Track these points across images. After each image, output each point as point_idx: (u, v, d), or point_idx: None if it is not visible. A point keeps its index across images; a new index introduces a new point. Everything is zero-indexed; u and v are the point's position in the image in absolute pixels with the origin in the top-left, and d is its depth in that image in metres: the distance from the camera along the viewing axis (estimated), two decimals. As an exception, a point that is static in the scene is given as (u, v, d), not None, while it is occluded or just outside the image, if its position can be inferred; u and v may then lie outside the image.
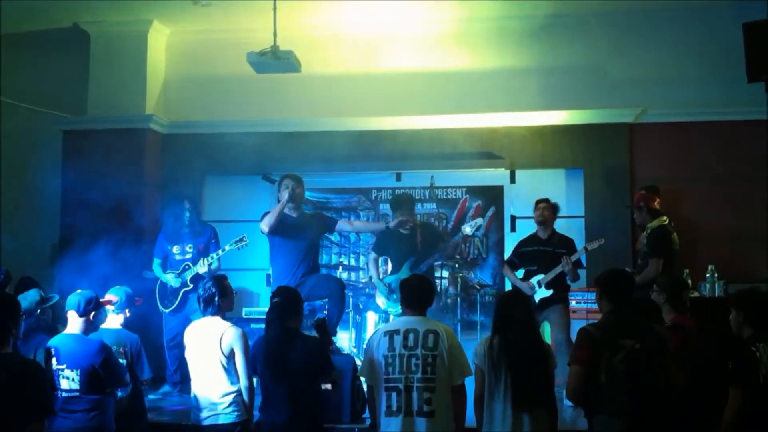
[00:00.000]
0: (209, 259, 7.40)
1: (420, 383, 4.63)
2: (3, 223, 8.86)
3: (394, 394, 4.67)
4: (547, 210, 7.40)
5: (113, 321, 5.47)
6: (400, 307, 5.15)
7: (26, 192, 9.19)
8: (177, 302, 7.49)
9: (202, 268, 7.38)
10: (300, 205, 7.20)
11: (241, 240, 7.30)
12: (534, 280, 7.20)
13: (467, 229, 7.59)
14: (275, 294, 5.07)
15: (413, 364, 4.65)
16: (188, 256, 7.57)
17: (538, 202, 7.53)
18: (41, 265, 8.97)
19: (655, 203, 7.41)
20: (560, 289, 7.18)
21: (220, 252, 7.43)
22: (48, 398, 3.97)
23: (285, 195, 6.97)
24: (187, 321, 6.59)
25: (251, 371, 4.99)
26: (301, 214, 7.20)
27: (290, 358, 4.79)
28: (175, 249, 7.63)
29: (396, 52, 9.26)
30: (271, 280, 7.39)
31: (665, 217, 7.17)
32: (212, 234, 7.71)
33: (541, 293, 7.14)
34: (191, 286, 7.38)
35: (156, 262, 7.76)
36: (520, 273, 7.48)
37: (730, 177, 8.51)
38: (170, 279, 7.52)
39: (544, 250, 7.27)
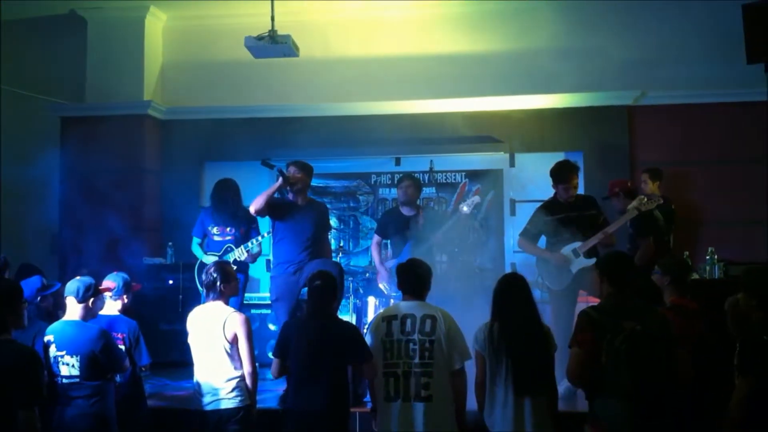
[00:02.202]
0: (249, 244, 7.38)
1: (418, 368, 4.64)
2: (2, 209, 8.86)
3: (392, 380, 4.69)
4: (577, 175, 6.91)
5: (111, 307, 5.46)
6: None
7: (25, 179, 9.17)
8: None
9: (242, 255, 7.37)
10: (305, 192, 7.05)
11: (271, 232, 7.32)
12: (569, 248, 6.75)
13: (464, 208, 7.49)
14: (315, 277, 4.99)
15: (411, 350, 4.67)
16: (229, 238, 7.55)
17: (571, 173, 6.87)
18: (41, 252, 8.98)
19: (629, 184, 7.36)
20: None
21: (260, 237, 7.41)
22: (41, 386, 3.97)
23: (280, 180, 6.84)
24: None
25: (278, 354, 4.96)
26: (309, 202, 7.05)
27: (328, 346, 4.78)
28: (215, 230, 7.58)
29: (395, 36, 9.24)
30: (272, 265, 7.37)
31: (644, 197, 7.06)
32: (253, 219, 7.67)
33: (579, 263, 6.66)
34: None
35: (195, 241, 7.73)
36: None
37: (729, 159, 8.51)
38: (208, 261, 7.51)
39: (573, 215, 6.76)
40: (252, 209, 6.87)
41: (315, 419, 4.74)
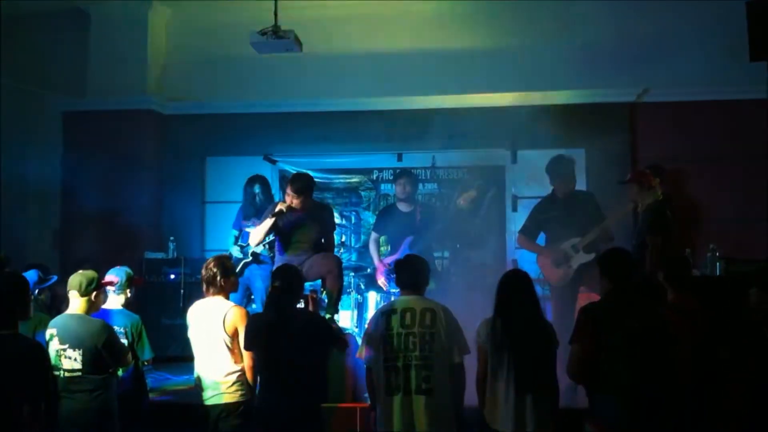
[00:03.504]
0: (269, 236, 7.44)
1: (418, 361, 4.65)
2: (3, 205, 8.87)
3: (393, 373, 4.69)
4: (573, 170, 7.05)
5: (114, 301, 5.48)
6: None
7: (26, 173, 9.19)
8: (238, 271, 7.47)
9: (259, 247, 7.40)
10: (307, 204, 6.84)
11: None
12: (568, 244, 6.84)
13: (461, 202, 7.52)
14: (275, 276, 5.07)
15: (411, 342, 4.67)
16: None
17: (563, 161, 7.09)
18: (43, 247, 9.00)
19: (652, 182, 7.38)
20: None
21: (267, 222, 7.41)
22: (48, 380, 3.99)
23: (279, 206, 6.70)
24: (245, 290, 7.18)
25: (247, 347, 4.98)
26: (312, 209, 6.88)
27: (291, 339, 4.79)
28: (247, 223, 7.71)
29: (398, 32, 9.23)
30: (274, 260, 7.38)
31: (660, 194, 7.09)
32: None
33: (579, 259, 6.74)
34: (250, 258, 7.47)
35: (233, 233, 7.86)
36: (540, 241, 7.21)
37: (732, 157, 8.50)
38: (234, 251, 7.63)
39: (571, 211, 6.85)
40: (252, 244, 6.96)
41: (281, 417, 4.76)
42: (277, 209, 6.67)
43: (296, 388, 4.76)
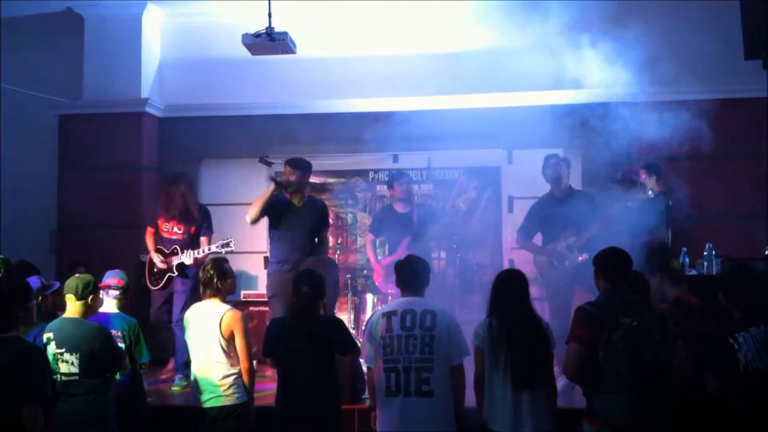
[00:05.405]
0: (198, 252, 7.22)
1: (418, 363, 4.64)
2: (0, 207, 8.86)
3: (393, 375, 4.68)
4: (559, 165, 7.13)
5: (110, 305, 5.47)
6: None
7: (23, 177, 9.18)
8: (163, 283, 7.36)
9: (188, 260, 7.23)
10: (303, 192, 7.02)
11: (227, 245, 7.03)
12: (564, 244, 6.88)
13: (460, 204, 7.54)
14: (302, 282, 4.99)
15: (411, 345, 4.67)
16: (176, 236, 7.38)
17: (549, 158, 7.22)
18: (39, 250, 8.98)
19: (633, 177, 7.44)
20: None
21: (206, 250, 7.17)
22: (47, 384, 3.98)
23: (272, 186, 6.82)
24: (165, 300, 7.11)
25: (267, 353, 5.01)
26: (306, 202, 7.01)
27: (317, 345, 4.85)
28: (165, 225, 7.43)
29: (393, 33, 9.20)
30: (269, 263, 7.37)
31: (650, 191, 7.12)
32: (205, 218, 7.51)
33: (575, 258, 6.82)
34: (176, 273, 7.27)
35: (150, 232, 7.62)
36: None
37: (729, 155, 8.50)
38: (157, 260, 7.38)
39: (567, 210, 6.91)
40: (247, 219, 6.91)
41: (305, 423, 4.79)
42: (274, 181, 6.82)
43: (319, 393, 4.82)
